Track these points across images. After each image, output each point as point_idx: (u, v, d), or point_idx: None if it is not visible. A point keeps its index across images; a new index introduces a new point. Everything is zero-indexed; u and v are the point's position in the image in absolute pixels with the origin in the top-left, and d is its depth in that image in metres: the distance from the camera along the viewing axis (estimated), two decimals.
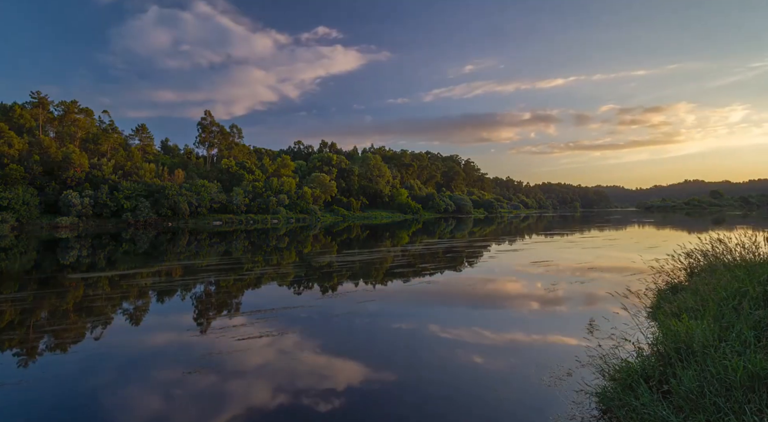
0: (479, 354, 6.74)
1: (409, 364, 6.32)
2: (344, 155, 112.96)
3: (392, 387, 5.52)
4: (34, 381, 5.80)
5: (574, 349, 6.71)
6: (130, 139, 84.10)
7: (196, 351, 6.96)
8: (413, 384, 5.60)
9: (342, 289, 12.31)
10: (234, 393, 5.36)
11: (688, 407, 3.74)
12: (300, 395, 5.30)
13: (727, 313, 5.35)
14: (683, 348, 4.63)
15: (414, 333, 7.95)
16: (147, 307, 10.38)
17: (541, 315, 9.17)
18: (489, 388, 5.45)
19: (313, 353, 6.86)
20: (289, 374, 6.00)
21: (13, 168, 51.42)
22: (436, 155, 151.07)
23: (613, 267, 15.76)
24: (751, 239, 8.86)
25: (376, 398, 5.23)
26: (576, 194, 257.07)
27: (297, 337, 7.66)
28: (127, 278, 14.24)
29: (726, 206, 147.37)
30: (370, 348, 7.12)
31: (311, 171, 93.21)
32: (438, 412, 4.82)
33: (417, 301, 10.76)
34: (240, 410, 4.91)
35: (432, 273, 15.26)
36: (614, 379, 4.80)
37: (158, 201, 58.72)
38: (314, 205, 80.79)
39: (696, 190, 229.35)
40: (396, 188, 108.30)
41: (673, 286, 9.26)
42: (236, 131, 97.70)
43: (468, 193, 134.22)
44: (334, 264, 17.64)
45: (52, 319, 9.06)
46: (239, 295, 11.86)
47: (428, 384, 5.61)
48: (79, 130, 67.65)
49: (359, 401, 5.16)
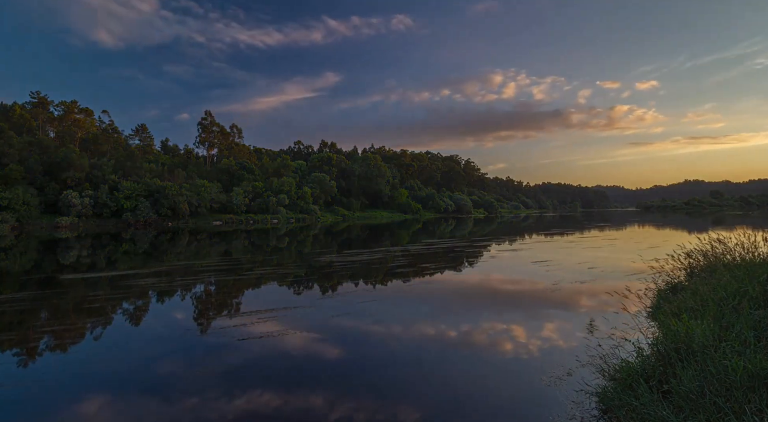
0: (479, 353, 6.74)
1: (408, 364, 6.32)
2: (344, 155, 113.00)
3: (392, 387, 5.52)
4: (28, 383, 5.81)
5: (574, 349, 6.71)
6: (130, 139, 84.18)
7: (196, 351, 6.97)
8: (413, 384, 5.60)
9: (343, 289, 12.31)
10: (234, 393, 5.36)
11: (688, 407, 3.74)
12: (299, 395, 5.30)
13: (727, 313, 5.36)
14: (683, 348, 4.63)
15: (414, 333, 7.95)
16: (147, 308, 10.38)
17: (541, 314, 9.18)
18: (489, 388, 5.45)
19: (313, 353, 6.87)
20: (289, 374, 6.00)
21: (13, 168, 51.42)
22: (436, 155, 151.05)
23: (613, 267, 15.76)
24: (750, 239, 8.88)
25: (376, 398, 5.24)
26: (576, 194, 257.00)
27: (297, 337, 7.66)
28: (127, 278, 14.25)
29: (726, 206, 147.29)
30: (370, 348, 7.12)
31: (311, 171, 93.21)
32: (438, 412, 4.82)
33: (417, 301, 10.76)
34: (241, 410, 4.92)
35: (432, 273, 15.26)
36: (614, 379, 4.81)
37: (158, 201, 58.72)
38: (314, 205, 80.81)
39: (696, 190, 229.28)
40: (396, 188, 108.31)
41: (673, 286, 9.27)
42: (236, 131, 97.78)
43: (468, 193, 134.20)
44: (334, 264, 17.64)
45: (52, 319, 9.06)
46: (239, 296, 11.87)
47: (428, 383, 5.61)
48: (79, 130, 67.68)
49: (360, 401, 5.16)
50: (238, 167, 77.61)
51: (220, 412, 4.86)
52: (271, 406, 5.03)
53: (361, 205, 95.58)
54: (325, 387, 5.53)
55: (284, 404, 5.07)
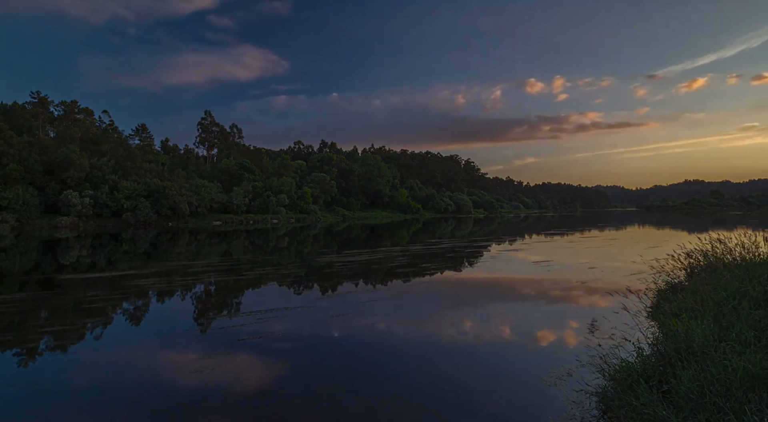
0: (479, 353, 6.75)
1: (408, 364, 6.31)
2: (344, 155, 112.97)
3: (392, 387, 5.52)
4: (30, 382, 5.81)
5: (575, 349, 6.71)
6: (130, 139, 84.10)
7: (195, 352, 6.96)
8: (413, 384, 5.59)
9: (343, 289, 12.31)
10: (233, 393, 5.36)
11: (688, 407, 3.74)
12: (300, 395, 5.30)
13: (727, 313, 5.36)
14: (683, 348, 4.63)
15: (414, 333, 7.95)
16: (147, 308, 10.38)
17: (542, 314, 9.18)
18: (489, 388, 5.45)
19: (312, 353, 6.87)
20: (289, 374, 6.00)
21: (13, 168, 51.39)
22: (436, 155, 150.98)
23: (613, 266, 15.76)
24: (750, 239, 8.88)
25: (376, 398, 5.23)
26: (576, 194, 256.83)
27: (298, 338, 7.66)
28: (127, 278, 14.24)
29: (726, 206, 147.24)
30: (370, 348, 7.11)
31: (311, 171, 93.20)
32: (439, 412, 4.82)
33: (418, 301, 10.77)
34: (240, 411, 4.92)
35: (433, 273, 15.26)
36: (614, 379, 4.80)
37: (158, 201, 58.69)
38: (314, 205, 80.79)
39: (696, 190, 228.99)
40: (396, 188, 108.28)
41: (673, 286, 9.27)
42: (236, 131, 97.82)
43: (468, 193, 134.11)
44: (334, 264, 17.64)
45: (52, 319, 9.06)
46: (239, 296, 11.86)
47: (428, 383, 5.61)
48: (79, 130, 67.64)
49: (360, 401, 5.16)
50: (238, 167, 77.54)
51: (219, 411, 4.85)
52: (271, 406, 5.02)
53: (361, 205, 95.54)
54: (323, 386, 5.53)
55: (284, 404, 5.07)
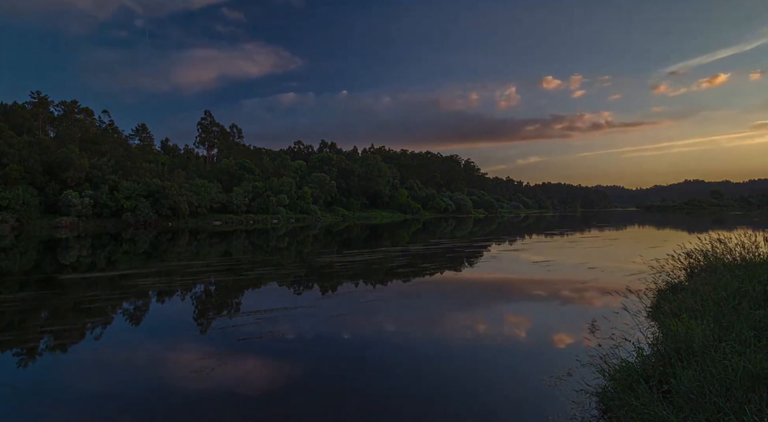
0: (479, 353, 6.75)
1: (408, 363, 6.31)
2: (344, 155, 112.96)
3: (392, 386, 5.52)
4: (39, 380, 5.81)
5: (575, 349, 6.71)
6: (130, 139, 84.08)
7: (195, 352, 6.96)
8: (413, 383, 5.59)
9: (343, 289, 12.31)
10: (234, 393, 5.36)
11: (688, 407, 3.74)
12: (300, 395, 5.30)
13: (727, 313, 5.36)
14: (683, 348, 4.63)
15: (414, 332, 7.95)
16: (147, 308, 10.38)
17: (542, 315, 9.18)
18: (489, 388, 5.45)
19: (313, 353, 6.87)
20: (289, 374, 6.00)
21: (13, 168, 51.38)
22: (436, 155, 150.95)
23: (613, 267, 15.76)
24: (750, 239, 8.88)
25: (376, 397, 5.24)
26: (576, 194, 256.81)
27: (298, 338, 7.66)
28: (127, 278, 14.24)
29: (726, 206, 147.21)
30: (370, 348, 7.11)
31: (311, 171, 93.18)
32: (439, 411, 4.82)
33: (418, 301, 10.76)
34: (241, 411, 4.92)
35: (433, 273, 15.26)
36: (614, 379, 4.80)
37: (158, 201, 58.68)
38: (314, 205, 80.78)
39: (696, 190, 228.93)
40: (396, 188, 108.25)
41: (673, 286, 9.26)
42: (236, 131, 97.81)
43: (468, 193, 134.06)
44: (334, 264, 17.64)
45: (52, 319, 9.06)
46: (239, 296, 11.86)
47: (429, 383, 5.61)
48: (79, 130, 67.62)
49: (361, 400, 5.16)
50: (238, 167, 77.52)
51: (219, 412, 4.85)
52: (271, 406, 5.03)
53: (361, 205, 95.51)
54: (323, 386, 5.53)
55: (284, 404, 5.07)
